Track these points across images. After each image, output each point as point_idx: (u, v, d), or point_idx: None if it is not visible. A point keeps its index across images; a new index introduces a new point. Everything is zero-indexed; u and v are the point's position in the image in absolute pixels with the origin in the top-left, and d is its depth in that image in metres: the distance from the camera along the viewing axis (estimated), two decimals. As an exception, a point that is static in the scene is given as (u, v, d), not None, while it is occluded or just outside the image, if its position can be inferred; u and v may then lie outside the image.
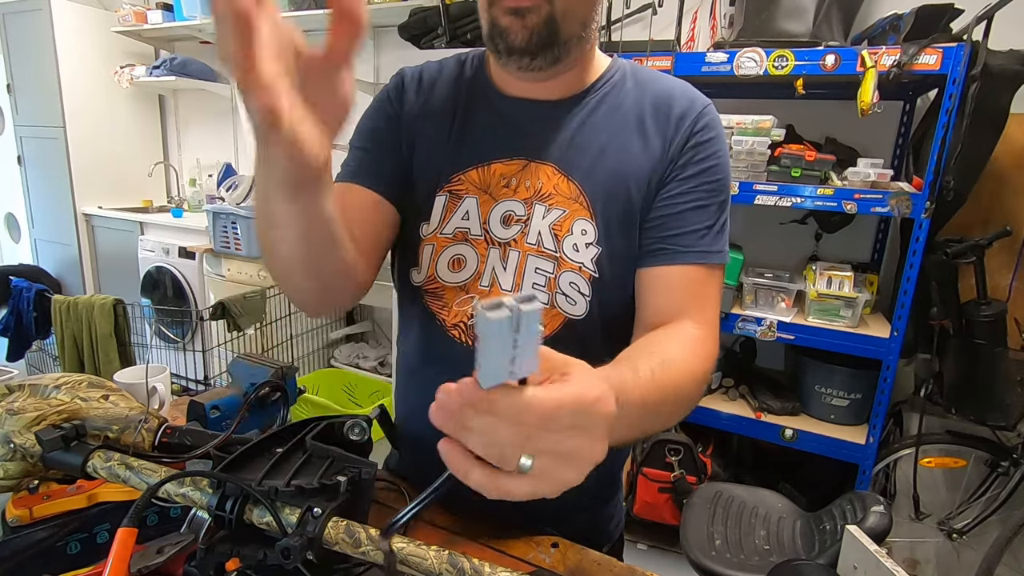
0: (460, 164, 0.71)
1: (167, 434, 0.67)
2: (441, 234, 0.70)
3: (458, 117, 0.72)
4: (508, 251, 0.69)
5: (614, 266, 0.68)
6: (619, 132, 0.69)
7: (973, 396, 1.69)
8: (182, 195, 3.79)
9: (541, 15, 0.61)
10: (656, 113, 0.69)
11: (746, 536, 1.24)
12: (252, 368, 0.84)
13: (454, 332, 0.71)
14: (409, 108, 0.74)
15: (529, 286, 0.69)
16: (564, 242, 0.68)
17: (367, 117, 0.76)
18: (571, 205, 0.68)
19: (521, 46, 0.62)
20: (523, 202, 0.69)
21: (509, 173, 0.69)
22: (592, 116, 0.70)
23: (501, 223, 0.69)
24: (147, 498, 0.52)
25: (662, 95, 0.70)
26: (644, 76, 0.73)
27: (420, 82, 0.75)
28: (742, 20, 1.82)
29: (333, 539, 0.50)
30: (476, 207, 0.70)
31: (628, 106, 0.70)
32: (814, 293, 1.79)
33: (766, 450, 2.07)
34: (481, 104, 0.72)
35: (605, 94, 0.71)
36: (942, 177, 1.58)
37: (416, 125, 0.73)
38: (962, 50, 1.49)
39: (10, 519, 0.64)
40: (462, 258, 0.70)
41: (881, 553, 0.50)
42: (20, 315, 2.38)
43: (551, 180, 0.69)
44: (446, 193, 0.71)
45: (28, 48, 3.33)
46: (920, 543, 1.93)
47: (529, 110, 0.70)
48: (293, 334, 2.69)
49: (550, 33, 0.62)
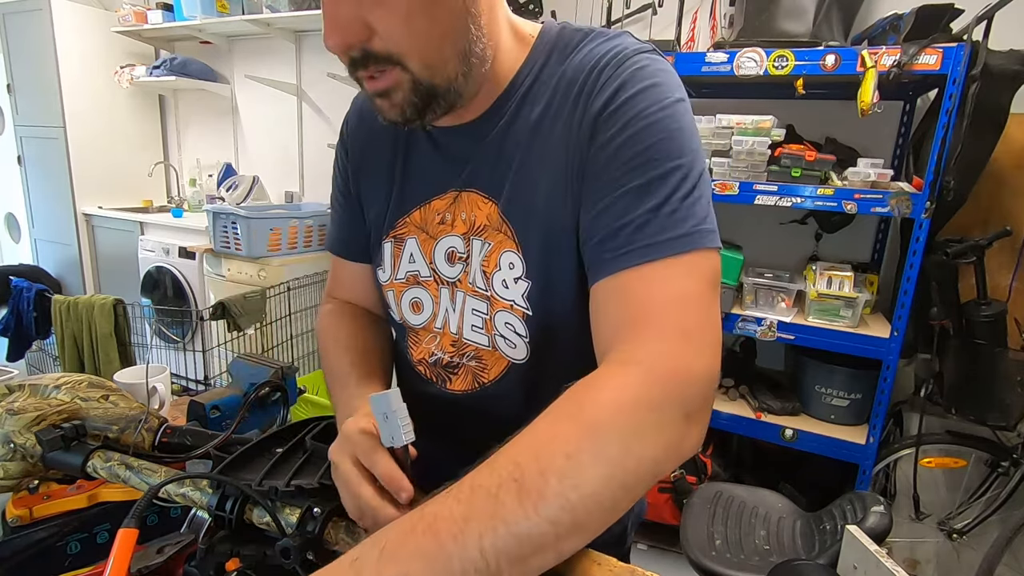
0: (404, 208, 0.67)
1: (167, 434, 0.67)
2: (396, 280, 0.69)
3: (398, 160, 0.68)
4: (455, 291, 0.65)
5: (550, 301, 0.59)
6: (531, 138, 0.58)
7: (973, 396, 1.69)
8: (182, 195, 3.79)
9: (405, 89, 0.52)
10: (566, 100, 0.56)
11: (746, 536, 1.24)
12: (252, 368, 0.84)
13: (419, 368, 0.72)
14: (353, 155, 0.72)
15: (469, 328, 0.65)
16: (493, 279, 0.60)
17: (334, 170, 0.76)
18: (496, 236, 0.60)
19: (399, 121, 0.55)
20: (461, 237, 0.63)
21: (443, 208, 0.64)
22: (510, 129, 0.59)
23: (446, 261, 0.65)
24: (148, 498, 0.52)
25: (575, 72, 0.56)
26: (565, 48, 0.59)
27: (361, 119, 0.71)
28: (742, 20, 1.82)
29: (333, 539, 0.50)
30: (418, 247, 0.66)
31: (542, 106, 0.58)
32: (814, 293, 1.79)
33: (766, 450, 2.07)
34: (418, 137, 0.66)
35: (522, 97, 0.59)
36: (942, 177, 1.58)
37: (361, 172, 0.72)
38: (962, 50, 1.49)
39: (10, 519, 0.64)
40: (419, 301, 0.68)
41: (881, 553, 0.50)
42: (20, 315, 2.38)
43: (482, 210, 0.61)
44: (391, 239, 0.68)
45: (28, 48, 3.33)
46: (920, 543, 1.93)
47: (454, 136, 0.63)
48: (293, 334, 2.69)
49: (423, 99, 0.53)
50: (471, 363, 0.66)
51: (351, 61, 0.51)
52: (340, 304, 0.78)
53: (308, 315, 2.78)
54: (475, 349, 0.65)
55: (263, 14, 2.92)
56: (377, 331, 0.76)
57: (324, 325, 0.76)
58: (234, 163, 3.55)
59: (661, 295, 0.46)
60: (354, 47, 0.50)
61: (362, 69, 0.51)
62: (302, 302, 2.71)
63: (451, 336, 0.67)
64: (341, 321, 0.76)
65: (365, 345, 0.71)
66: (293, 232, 2.79)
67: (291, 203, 3.27)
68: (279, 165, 3.38)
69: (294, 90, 3.21)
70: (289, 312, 2.64)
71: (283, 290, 2.58)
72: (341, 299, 0.79)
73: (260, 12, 2.95)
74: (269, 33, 3.08)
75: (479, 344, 0.65)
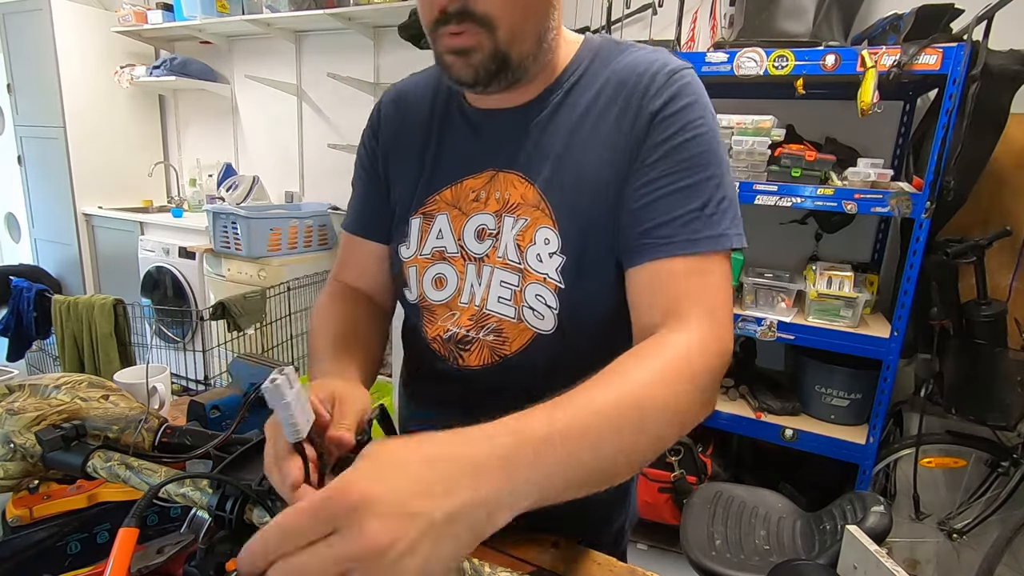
0: (435, 185, 0.70)
1: (167, 434, 0.67)
2: (421, 255, 0.71)
3: (432, 142, 0.71)
4: (482, 266, 0.68)
5: (582, 276, 0.63)
6: (577, 130, 0.64)
7: (973, 396, 1.69)
8: (182, 195, 3.79)
9: (485, 52, 0.57)
10: (616, 97, 0.62)
11: (746, 536, 1.24)
12: (252, 368, 0.84)
13: (434, 345, 0.72)
14: (384, 140, 0.75)
15: (494, 300, 0.67)
16: (527, 253, 0.65)
17: (359, 151, 0.79)
18: (533, 213, 0.64)
19: (468, 82, 0.60)
20: (494, 215, 0.67)
21: (478, 186, 0.68)
22: (556, 115, 0.65)
23: (475, 238, 0.68)
24: (149, 498, 0.52)
25: (625, 73, 0.63)
26: (609, 54, 0.66)
27: (396, 107, 0.76)
28: (742, 20, 1.82)
29: (333, 539, 0.50)
30: (448, 224, 0.69)
31: (589, 99, 0.64)
32: (814, 293, 1.79)
33: (766, 450, 2.07)
34: (455, 121, 0.71)
35: (571, 87, 0.65)
36: (942, 177, 1.57)
37: (392, 151, 0.74)
38: (962, 50, 1.49)
39: (10, 519, 0.64)
40: (443, 277, 0.70)
41: (881, 553, 0.50)
42: (20, 315, 2.38)
43: (518, 189, 0.66)
44: (420, 215, 0.71)
45: (28, 48, 3.33)
46: (920, 543, 1.93)
47: (498, 120, 0.68)
48: (293, 334, 2.69)
49: (498, 66, 0.58)
50: (488, 337, 0.68)
51: (442, 15, 0.56)
52: (342, 287, 0.79)
53: (308, 315, 2.78)
54: (497, 321, 0.67)
55: (263, 14, 2.92)
56: (371, 318, 0.76)
57: (319, 304, 0.77)
58: (234, 163, 3.55)
59: (698, 284, 0.56)
60: (455, 1, 0.54)
61: (452, 24, 0.56)
62: (302, 302, 2.71)
63: (473, 309, 0.68)
64: (335, 302, 0.76)
65: (353, 327, 0.72)
66: (293, 232, 2.79)
67: (291, 203, 3.27)
68: (279, 165, 3.38)
69: (294, 90, 3.21)
70: (289, 312, 2.64)
71: (283, 290, 2.58)
72: (345, 282, 0.79)
73: (260, 12, 2.96)
74: (269, 33, 3.08)
75: (503, 315, 0.67)
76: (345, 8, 2.68)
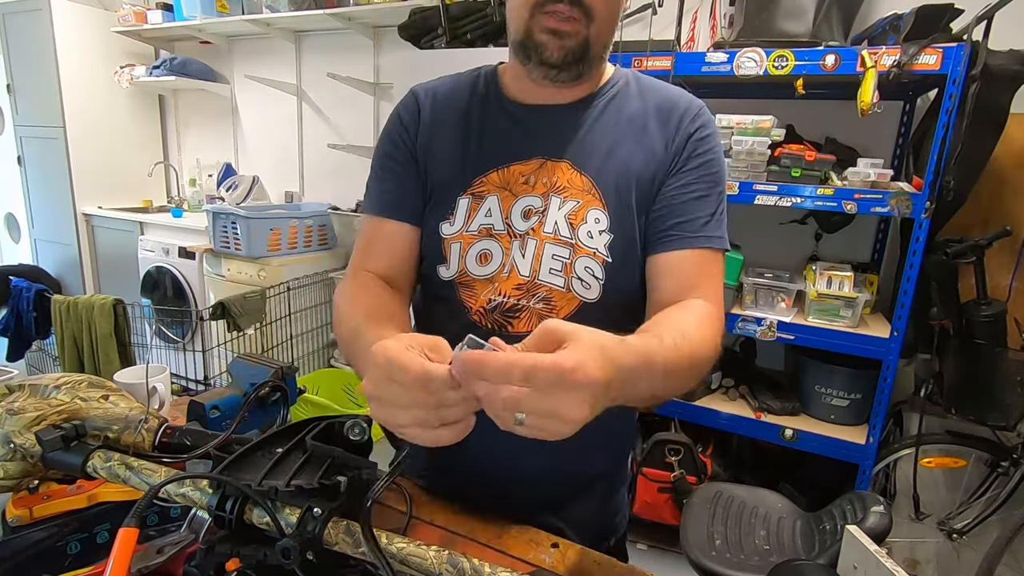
0: (480, 168, 0.76)
1: (167, 434, 0.67)
2: (467, 232, 0.75)
3: (474, 128, 0.77)
4: (527, 240, 0.73)
5: (625, 252, 0.74)
6: (625, 133, 0.75)
7: (973, 396, 1.69)
8: (182, 195, 3.79)
9: (578, 39, 0.67)
10: (659, 116, 0.76)
11: (746, 536, 1.24)
12: (252, 368, 0.84)
13: (474, 317, 0.74)
14: (424, 123, 0.79)
15: (546, 271, 0.73)
16: (579, 230, 0.73)
17: (383, 141, 0.82)
18: (584, 196, 0.74)
19: (555, 63, 0.69)
20: (540, 196, 0.74)
21: (528, 172, 0.75)
22: (601, 118, 0.76)
23: (522, 217, 0.74)
24: (149, 499, 0.52)
25: (664, 101, 0.77)
26: (647, 84, 0.80)
27: (434, 98, 0.80)
28: (742, 20, 1.82)
29: (333, 539, 0.50)
30: (498, 204, 0.74)
31: (633, 110, 0.77)
32: (814, 293, 1.79)
33: (766, 450, 2.07)
34: (497, 114, 0.77)
35: (611, 98, 0.77)
36: (942, 177, 1.58)
37: (434, 137, 0.78)
38: (962, 50, 1.49)
39: (10, 519, 0.64)
40: (488, 252, 0.74)
41: (881, 553, 0.50)
42: (20, 315, 2.38)
43: (565, 175, 0.74)
44: (469, 195, 0.75)
45: (28, 48, 3.33)
46: (920, 543, 1.93)
47: (543, 114, 0.76)
48: (293, 334, 2.69)
49: (582, 54, 0.69)
50: (538, 305, 0.74)
51: None
52: (368, 277, 0.77)
53: (308, 315, 2.78)
54: (548, 290, 0.74)
55: (263, 14, 2.92)
56: (402, 305, 0.76)
57: (345, 291, 0.75)
58: (234, 163, 3.55)
59: (709, 273, 0.73)
60: None
61: (559, 5, 0.66)
62: (302, 302, 2.72)
63: (519, 279, 0.74)
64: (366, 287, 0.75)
65: (389, 309, 0.71)
66: (293, 232, 2.79)
67: (291, 203, 3.27)
68: (279, 165, 3.38)
69: (294, 90, 3.21)
70: (289, 312, 2.64)
71: (283, 290, 2.58)
72: (370, 270, 0.78)
73: (260, 12, 2.96)
74: (269, 33, 3.08)
75: (553, 285, 0.74)
76: (345, 8, 2.68)
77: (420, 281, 0.82)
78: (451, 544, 0.62)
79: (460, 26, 2.20)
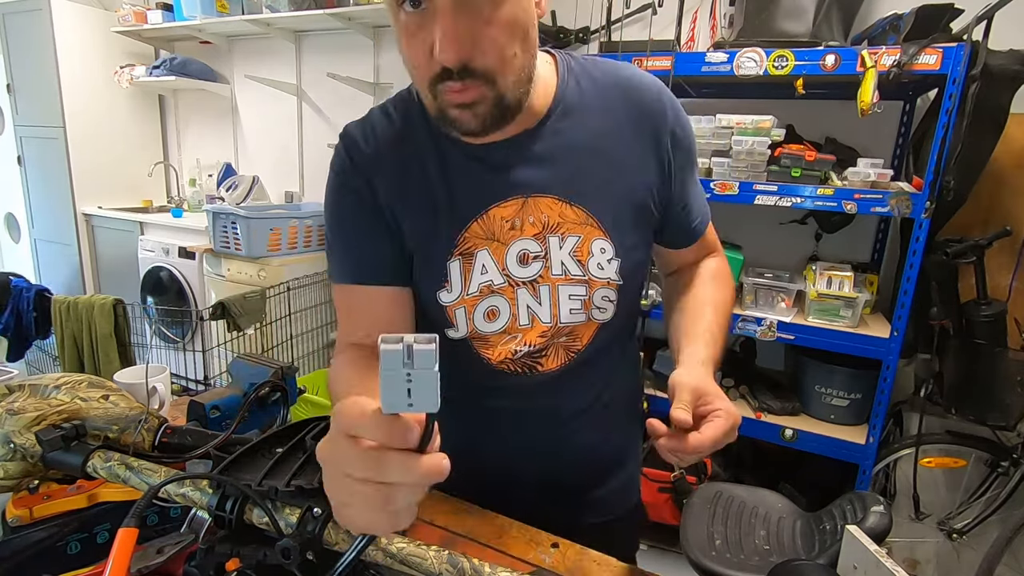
0: (458, 222, 0.69)
1: (167, 434, 0.67)
2: (468, 295, 0.70)
3: (435, 176, 0.69)
4: (538, 287, 0.71)
5: (632, 270, 0.74)
6: (601, 142, 0.70)
7: (973, 396, 1.69)
8: (182, 195, 3.79)
9: (488, 103, 0.59)
10: (628, 108, 0.71)
11: (746, 536, 1.23)
12: (252, 368, 0.84)
13: (499, 366, 0.73)
14: (382, 183, 0.69)
15: (567, 313, 0.71)
16: (589, 264, 0.71)
17: (337, 203, 0.72)
18: (584, 229, 0.70)
19: (475, 131, 0.61)
20: (534, 238, 0.69)
21: (510, 215, 0.69)
22: (566, 134, 0.69)
23: (518, 263, 0.70)
24: (149, 498, 0.52)
25: (626, 87, 0.72)
26: (593, 72, 0.72)
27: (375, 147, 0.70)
28: (742, 20, 1.82)
29: (333, 539, 0.50)
30: (490, 257, 0.69)
31: (599, 111, 0.70)
32: (814, 293, 1.79)
33: (766, 450, 2.07)
34: (455, 156, 0.69)
35: (569, 112, 0.70)
36: (942, 177, 1.57)
37: (394, 189, 0.69)
38: (962, 50, 1.49)
39: (10, 519, 0.64)
40: (495, 309, 0.71)
41: (881, 553, 0.50)
42: (20, 315, 2.38)
43: (554, 210, 0.69)
44: (458, 257, 0.69)
45: (28, 48, 3.33)
46: (920, 543, 1.93)
47: (503, 149, 0.68)
48: (293, 334, 2.69)
49: (502, 112, 0.61)
50: (561, 340, 0.74)
51: (443, 73, 0.57)
52: (357, 352, 0.70)
53: (308, 315, 2.78)
54: (571, 328, 0.73)
55: (263, 14, 2.92)
56: None
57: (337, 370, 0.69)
58: (234, 163, 3.55)
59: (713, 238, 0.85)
60: (462, 61, 0.56)
61: (454, 82, 0.57)
62: (302, 302, 2.72)
63: (542, 327, 0.72)
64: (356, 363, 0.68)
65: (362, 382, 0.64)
66: (293, 232, 2.79)
67: (291, 203, 3.27)
68: (279, 165, 3.38)
69: (294, 90, 3.21)
70: (289, 312, 2.64)
71: (283, 290, 2.58)
72: (359, 344, 0.71)
73: (260, 12, 2.95)
74: (269, 33, 3.08)
75: (575, 322, 0.73)
76: (345, 8, 2.68)
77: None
78: (451, 544, 0.62)
79: (460, 26, 2.20)
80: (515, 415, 0.79)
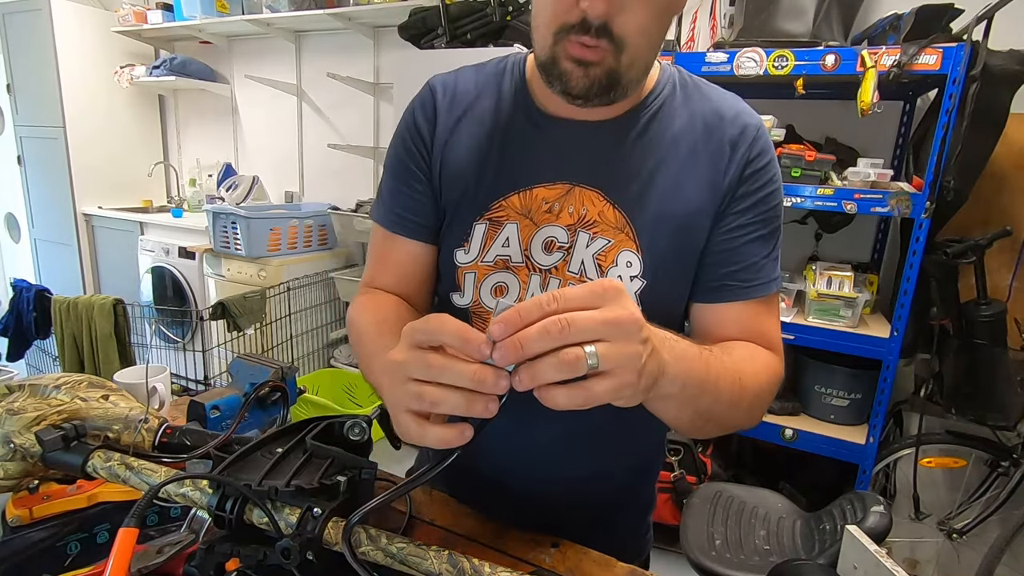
0: (501, 189, 0.68)
1: (167, 434, 0.67)
2: (482, 262, 0.69)
3: (496, 139, 0.69)
4: (549, 279, 0.67)
5: (657, 300, 0.66)
6: (669, 156, 0.66)
7: (973, 396, 1.69)
8: (182, 195, 3.79)
9: (605, 68, 0.58)
10: (708, 137, 0.67)
11: (746, 536, 1.24)
12: (252, 368, 0.84)
13: None
14: (440, 127, 0.71)
15: None
16: (608, 273, 0.66)
17: (398, 142, 0.74)
18: (616, 235, 0.66)
19: (580, 94, 0.60)
20: (566, 228, 0.67)
21: (552, 197, 0.67)
22: (641, 138, 0.67)
23: (543, 249, 0.67)
24: (149, 499, 0.52)
25: (711, 116, 0.68)
26: (694, 90, 0.70)
27: (453, 96, 0.71)
28: (742, 20, 1.82)
29: (333, 539, 0.50)
30: (517, 233, 0.67)
31: (678, 127, 0.67)
32: (814, 293, 1.79)
33: (766, 450, 2.07)
34: (523, 124, 0.69)
35: (655, 112, 0.67)
36: (942, 177, 1.58)
37: (449, 145, 0.70)
38: (962, 50, 1.49)
39: (10, 519, 0.64)
40: (504, 285, 0.69)
41: (881, 553, 0.50)
42: (20, 315, 2.38)
43: (596, 207, 0.66)
44: (486, 221, 0.68)
45: (28, 48, 3.33)
46: (920, 543, 1.93)
47: (575, 131, 0.67)
48: (293, 334, 2.69)
49: (610, 84, 0.59)
50: None
51: (579, 25, 0.56)
52: (376, 291, 0.74)
53: (308, 315, 2.78)
54: None
55: (263, 14, 2.92)
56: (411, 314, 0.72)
57: (360, 305, 0.71)
58: (234, 163, 3.55)
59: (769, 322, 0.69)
60: (607, 17, 0.55)
61: (585, 36, 0.56)
62: (302, 302, 2.72)
63: None
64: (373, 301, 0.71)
65: (400, 315, 0.68)
66: (293, 232, 2.79)
67: (291, 203, 3.27)
68: (279, 165, 3.38)
69: (294, 90, 3.21)
70: (289, 312, 2.64)
71: (283, 290, 2.58)
72: (380, 287, 0.75)
73: (260, 12, 2.96)
74: (269, 33, 3.08)
75: None
76: (345, 8, 2.68)
77: (437, 302, 0.77)
78: (451, 544, 0.62)
79: (460, 26, 2.20)
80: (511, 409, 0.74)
